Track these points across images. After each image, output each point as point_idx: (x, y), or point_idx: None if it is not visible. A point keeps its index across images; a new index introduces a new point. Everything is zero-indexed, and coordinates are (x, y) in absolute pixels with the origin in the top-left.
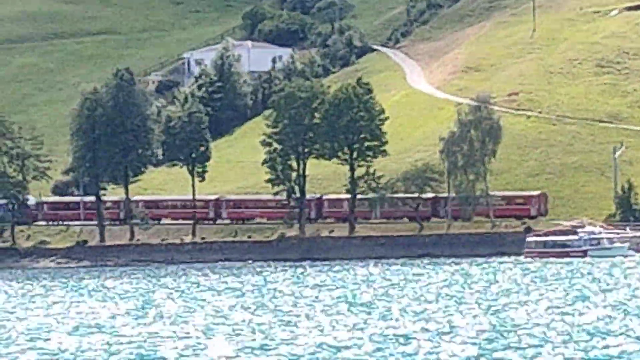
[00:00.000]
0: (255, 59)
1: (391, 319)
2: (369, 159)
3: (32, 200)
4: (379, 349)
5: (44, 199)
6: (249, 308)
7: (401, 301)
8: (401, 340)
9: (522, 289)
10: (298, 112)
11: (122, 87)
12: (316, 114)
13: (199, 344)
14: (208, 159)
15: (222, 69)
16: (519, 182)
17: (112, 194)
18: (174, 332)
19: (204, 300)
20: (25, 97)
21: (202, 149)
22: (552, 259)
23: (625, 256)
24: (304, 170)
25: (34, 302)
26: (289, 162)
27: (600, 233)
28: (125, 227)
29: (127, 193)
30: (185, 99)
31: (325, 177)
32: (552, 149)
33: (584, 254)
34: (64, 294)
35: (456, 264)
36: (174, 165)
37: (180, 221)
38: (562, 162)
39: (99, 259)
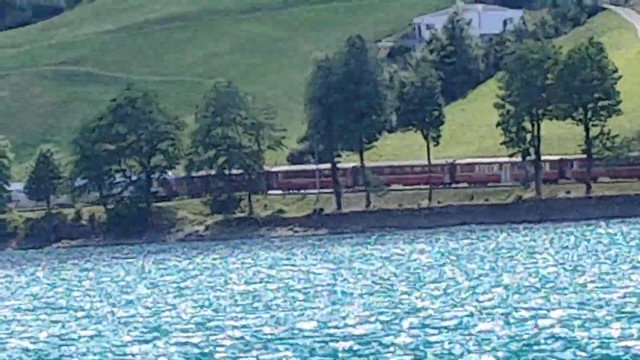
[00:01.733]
0: (486, 21)
1: None
2: (603, 118)
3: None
4: None
5: (279, 167)
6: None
7: None
8: None
9: None
10: (531, 73)
11: (355, 54)
12: (549, 75)
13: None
14: (441, 123)
15: (453, 32)
16: None
17: (347, 161)
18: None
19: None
20: (256, 67)
21: (436, 113)
22: None
23: None
24: (538, 131)
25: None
26: (522, 124)
27: None
28: (361, 193)
29: (362, 160)
30: (417, 64)
31: (560, 137)
32: None
33: None
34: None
35: None
36: (407, 130)
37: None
38: None
39: (335, 226)
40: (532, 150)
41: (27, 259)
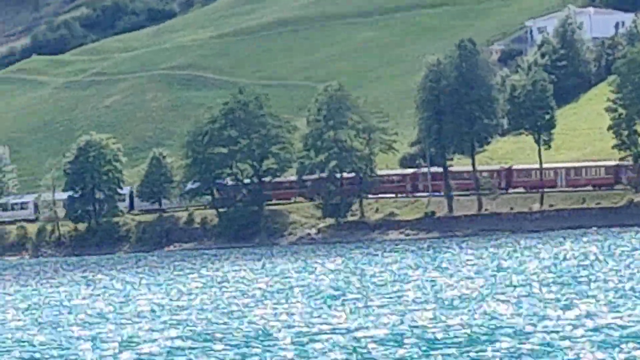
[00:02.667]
0: (598, 25)
1: None
2: None
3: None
4: None
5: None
6: None
7: None
8: None
9: None
10: None
11: (466, 58)
12: None
13: None
14: (553, 126)
15: (564, 36)
16: None
17: (459, 164)
18: None
19: None
20: (367, 71)
21: (547, 117)
22: None
23: None
24: None
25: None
26: (634, 128)
27: None
28: (473, 197)
29: (473, 163)
30: (529, 67)
31: None
32: None
33: None
34: None
35: None
36: (519, 134)
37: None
38: None
39: (447, 229)
40: None
41: (144, 262)
